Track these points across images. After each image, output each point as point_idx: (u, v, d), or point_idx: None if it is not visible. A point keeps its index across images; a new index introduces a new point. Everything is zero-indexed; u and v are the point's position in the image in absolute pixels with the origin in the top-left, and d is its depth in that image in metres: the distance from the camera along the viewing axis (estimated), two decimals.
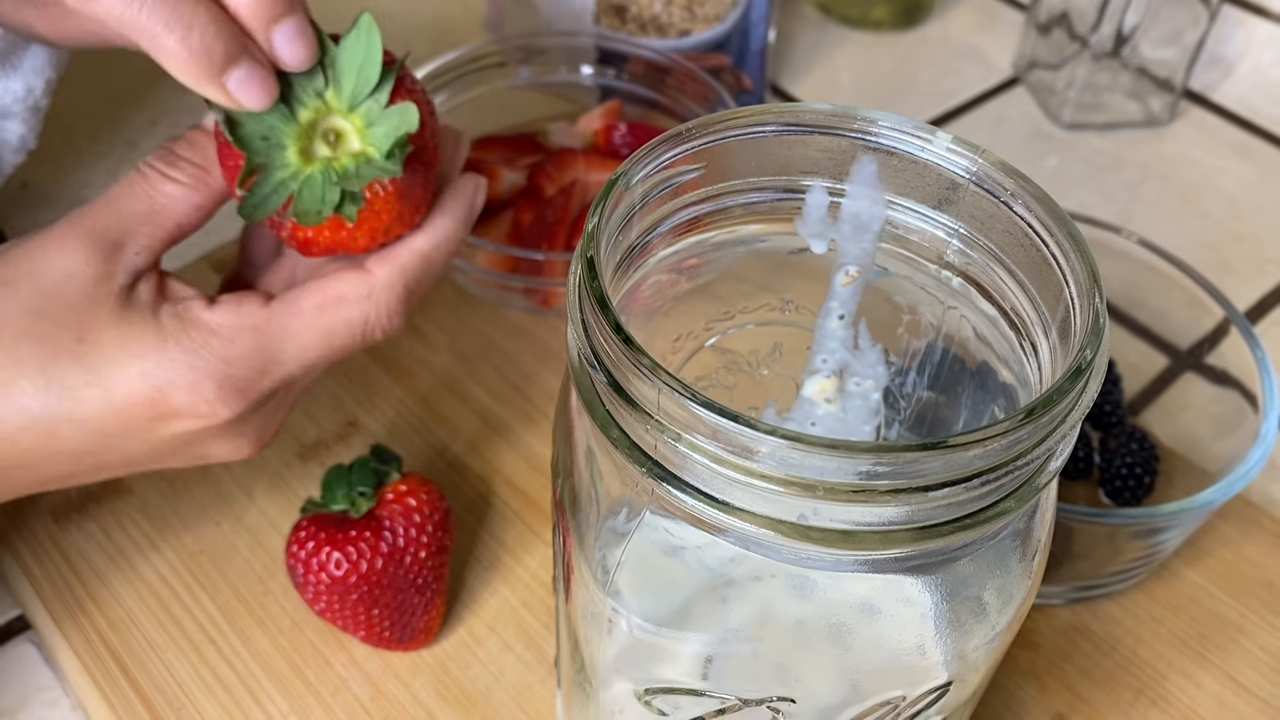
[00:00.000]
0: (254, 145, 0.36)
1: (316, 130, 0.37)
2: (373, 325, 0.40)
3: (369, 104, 0.37)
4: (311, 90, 0.37)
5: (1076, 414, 0.26)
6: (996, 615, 0.32)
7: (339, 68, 0.37)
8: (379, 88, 0.37)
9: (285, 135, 0.37)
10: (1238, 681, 0.48)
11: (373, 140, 0.37)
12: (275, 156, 0.37)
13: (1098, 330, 0.26)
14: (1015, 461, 0.25)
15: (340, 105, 0.37)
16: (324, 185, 0.37)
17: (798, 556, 0.27)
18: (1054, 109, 0.78)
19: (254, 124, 0.36)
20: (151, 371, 0.37)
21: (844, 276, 0.37)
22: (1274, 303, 0.68)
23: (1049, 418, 0.25)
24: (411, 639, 0.47)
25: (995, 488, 0.26)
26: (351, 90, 0.37)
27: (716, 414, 0.25)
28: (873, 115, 0.32)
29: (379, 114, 0.37)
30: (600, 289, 0.27)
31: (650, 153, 0.31)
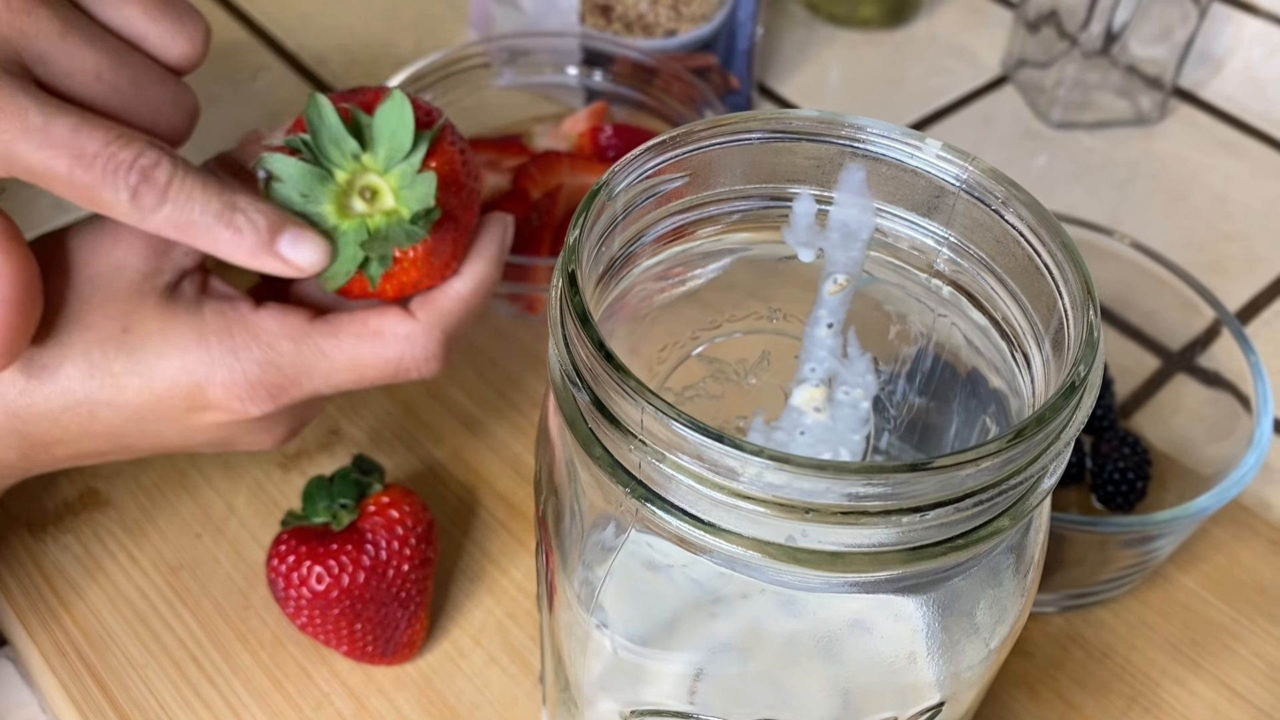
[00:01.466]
0: (292, 199, 0.38)
1: (353, 187, 0.38)
2: (408, 366, 0.41)
3: (403, 167, 0.38)
4: (347, 152, 0.38)
5: (1070, 431, 0.25)
6: (990, 632, 0.31)
7: (374, 135, 0.38)
8: (412, 152, 0.38)
9: (323, 193, 0.38)
10: (1231, 688, 0.48)
11: (405, 201, 0.38)
12: (312, 211, 0.38)
13: (1092, 344, 0.26)
14: (1008, 481, 0.24)
15: (376, 166, 0.38)
16: (353, 245, 0.38)
17: (786, 579, 0.26)
18: (1043, 108, 0.78)
19: (292, 180, 0.37)
20: (192, 366, 0.39)
21: (832, 285, 0.36)
22: (1265, 302, 0.67)
23: (1042, 436, 0.24)
24: (395, 653, 0.46)
25: (988, 507, 0.25)
26: (386, 155, 0.38)
27: (701, 434, 0.24)
28: (861, 122, 0.32)
29: (411, 177, 0.38)
30: (582, 305, 0.26)
31: (633, 162, 0.30)
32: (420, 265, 0.39)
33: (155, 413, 0.39)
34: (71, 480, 0.51)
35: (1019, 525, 0.27)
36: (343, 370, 0.40)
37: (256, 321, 0.39)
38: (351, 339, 0.40)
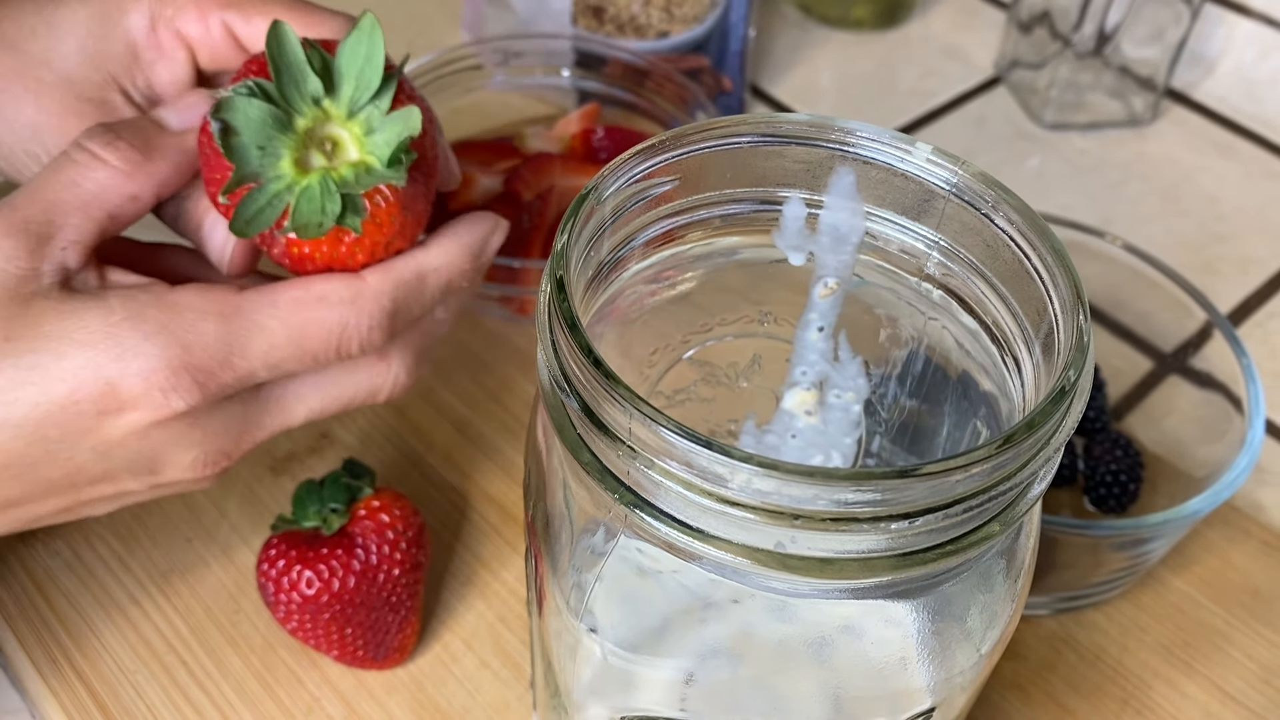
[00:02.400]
0: (248, 155, 0.34)
1: (312, 139, 0.35)
2: (350, 335, 0.37)
3: (369, 110, 0.35)
4: (309, 96, 0.34)
5: (1061, 436, 0.25)
6: (981, 636, 0.31)
7: (338, 72, 0.34)
8: (380, 93, 0.35)
9: (281, 145, 0.34)
10: (1224, 691, 0.48)
11: (372, 148, 0.35)
12: (269, 168, 0.34)
13: (1082, 348, 0.26)
14: (998, 486, 0.24)
15: (339, 112, 0.35)
16: (323, 196, 0.34)
17: (776, 586, 0.26)
18: (1036, 109, 0.78)
19: (250, 132, 0.34)
20: (98, 359, 0.34)
21: (823, 289, 0.36)
22: (1258, 303, 0.67)
23: (1032, 442, 0.24)
24: (386, 657, 0.46)
25: (978, 512, 0.25)
26: (351, 96, 0.35)
27: (690, 440, 0.24)
28: (851, 125, 0.32)
29: (380, 120, 0.35)
30: (570, 311, 0.26)
31: (622, 166, 0.30)
32: (395, 217, 0.36)
33: (60, 426, 0.34)
34: None
35: (1010, 530, 0.27)
36: (282, 344, 0.36)
37: (175, 299, 0.35)
38: (290, 304, 0.36)
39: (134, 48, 0.39)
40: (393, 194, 0.36)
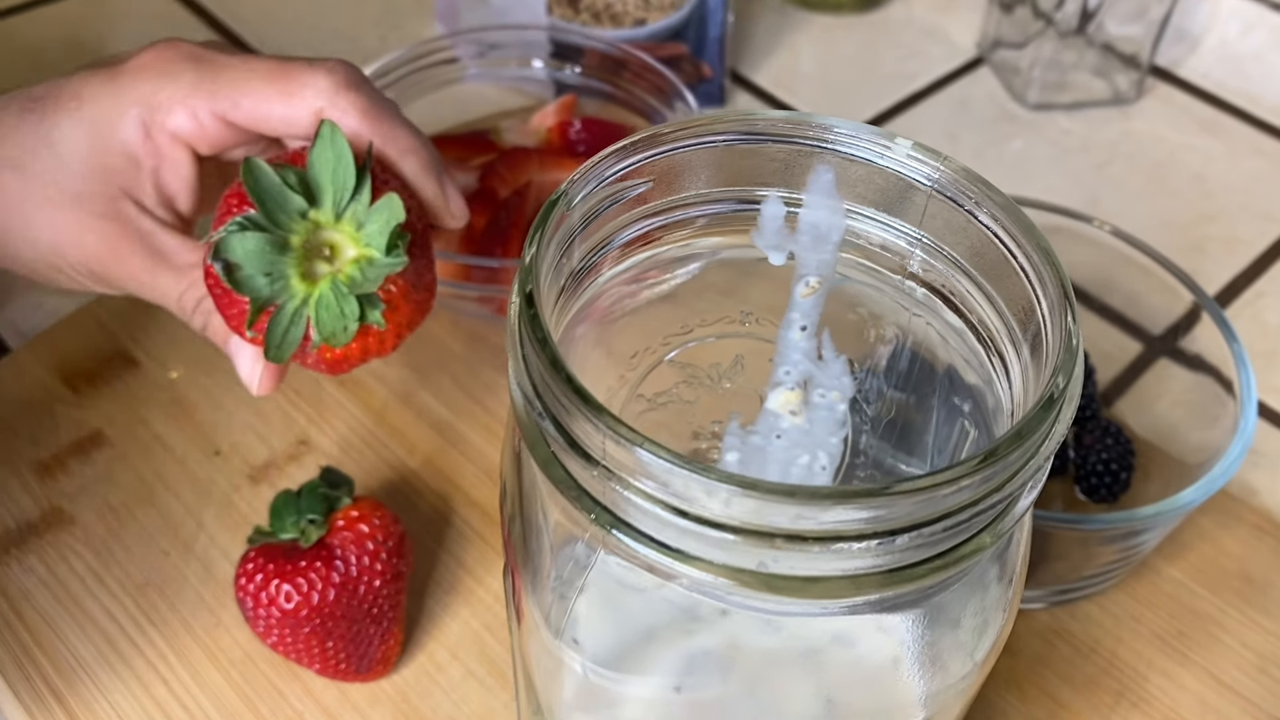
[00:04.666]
0: (257, 285, 0.35)
1: (311, 249, 0.36)
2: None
3: (353, 207, 0.35)
4: (295, 213, 0.35)
5: (1050, 445, 0.24)
6: (975, 643, 0.31)
7: (315, 182, 0.35)
8: (359, 188, 0.35)
9: (285, 266, 0.35)
10: (1220, 680, 0.47)
11: (368, 241, 0.36)
12: (281, 290, 0.35)
13: (1070, 352, 0.25)
14: (987, 499, 0.24)
15: (327, 218, 0.35)
16: (338, 300, 0.35)
17: (761, 606, 0.25)
18: (1019, 89, 0.77)
19: (253, 263, 0.34)
20: None
21: (804, 288, 0.35)
22: (1246, 283, 0.67)
23: (1020, 453, 0.23)
24: (369, 670, 0.45)
25: (967, 525, 0.24)
26: (334, 200, 0.35)
27: (667, 460, 0.23)
28: (828, 122, 0.31)
29: (366, 213, 0.35)
30: (541, 328, 0.25)
31: (593, 170, 0.29)
32: (410, 297, 0.37)
33: None
34: (35, 499, 0.50)
35: (1001, 541, 0.26)
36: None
37: None
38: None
39: (133, 158, 0.39)
40: (401, 277, 0.36)
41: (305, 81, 0.38)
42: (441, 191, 0.40)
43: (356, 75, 0.39)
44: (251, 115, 0.38)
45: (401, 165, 0.39)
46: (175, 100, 0.38)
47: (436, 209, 0.40)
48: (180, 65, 0.39)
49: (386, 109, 0.39)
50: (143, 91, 0.38)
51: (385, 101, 0.39)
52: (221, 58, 0.39)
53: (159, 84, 0.38)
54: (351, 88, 0.38)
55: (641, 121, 0.64)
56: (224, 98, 0.38)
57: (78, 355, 0.56)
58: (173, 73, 0.39)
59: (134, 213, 0.40)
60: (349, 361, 0.37)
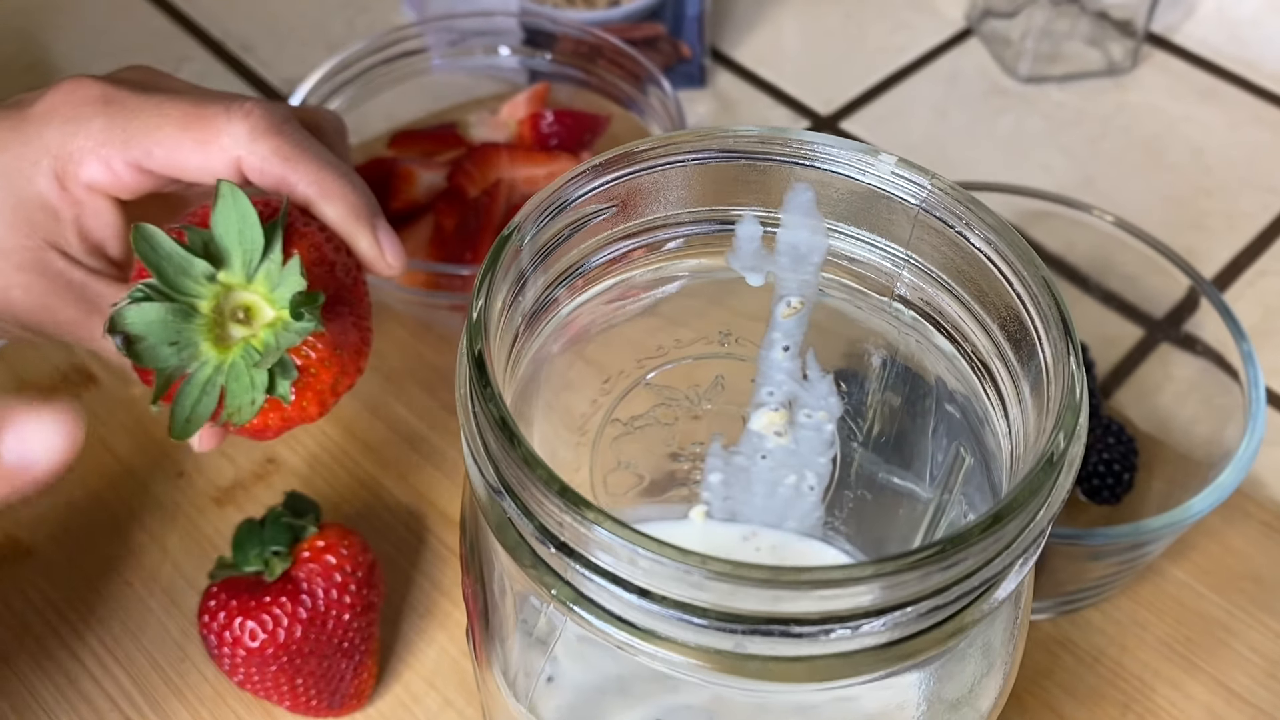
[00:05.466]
0: (161, 355, 0.32)
1: (224, 314, 0.33)
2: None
3: (266, 266, 0.32)
4: (201, 278, 0.32)
5: (1050, 511, 0.22)
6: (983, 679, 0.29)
7: (218, 244, 0.32)
8: (269, 246, 0.32)
9: (193, 332, 0.32)
10: (1228, 688, 0.45)
11: (283, 303, 0.33)
12: (191, 358, 0.32)
13: (1074, 406, 0.22)
14: (983, 570, 0.21)
15: (238, 280, 0.33)
16: (248, 370, 0.32)
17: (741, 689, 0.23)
18: (1010, 61, 0.74)
19: (155, 334, 0.32)
20: None
21: (785, 308, 0.33)
22: (1247, 261, 0.64)
23: (1015, 524, 0.21)
24: (343, 705, 0.43)
25: (962, 595, 0.22)
26: (242, 261, 0.32)
27: (628, 540, 0.21)
28: (806, 137, 0.28)
29: (279, 273, 0.32)
30: (496, 401, 0.23)
31: (549, 199, 0.27)
32: (329, 363, 0.34)
33: None
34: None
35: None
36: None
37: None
38: None
39: (51, 209, 0.37)
40: (318, 339, 0.33)
41: (219, 129, 0.35)
42: (374, 239, 0.37)
43: (276, 117, 0.36)
44: (166, 164, 0.36)
45: (327, 212, 0.36)
46: (86, 150, 0.36)
47: (369, 258, 0.37)
48: (89, 110, 0.36)
49: (310, 151, 0.36)
50: (51, 141, 0.36)
51: (309, 142, 0.37)
52: (134, 100, 0.36)
53: (67, 131, 0.36)
54: (270, 132, 0.36)
55: (616, 108, 0.61)
56: (136, 146, 0.36)
57: (33, 373, 0.54)
58: (81, 119, 0.36)
59: (61, 264, 0.37)
60: (270, 431, 0.35)
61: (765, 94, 0.73)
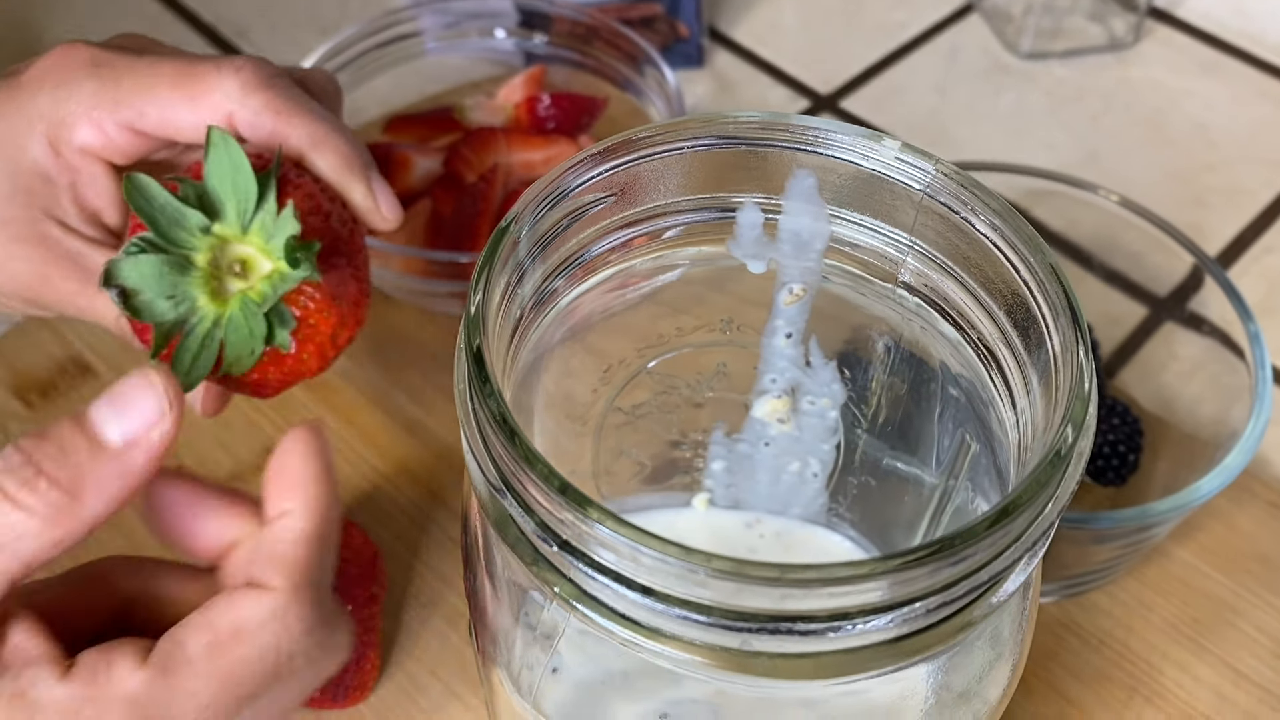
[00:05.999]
0: (158, 309, 0.31)
1: (220, 266, 0.32)
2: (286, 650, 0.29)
3: (260, 217, 0.32)
4: (196, 229, 0.32)
5: (1058, 505, 0.22)
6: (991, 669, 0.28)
7: (213, 195, 0.32)
8: (263, 196, 0.32)
9: (190, 286, 0.32)
10: (1235, 669, 0.45)
11: (279, 253, 0.32)
12: (189, 311, 0.32)
13: (1083, 396, 0.22)
14: (991, 565, 0.21)
15: (233, 231, 0.32)
16: (247, 321, 0.32)
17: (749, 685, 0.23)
18: (1011, 37, 0.73)
19: (152, 287, 0.31)
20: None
21: (788, 295, 0.32)
22: (1252, 237, 0.64)
23: (1023, 520, 0.21)
24: (347, 696, 0.43)
25: (970, 590, 0.22)
26: (237, 211, 0.32)
27: (630, 538, 0.20)
28: (808, 122, 0.28)
29: (274, 224, 0.32)
30: (495, 398, 0.22)
31: (546, 191, 0.26)
32: (328, 312, 0.33)
33: None
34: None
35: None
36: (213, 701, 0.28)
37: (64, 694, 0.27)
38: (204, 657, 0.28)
39: (47, 177, 0.36)
40: (316, 289, 0.33)
41: (211, 85, 0.35)
42: (369, 190, 0.36)
43: (267, 72, 0.36)
44: (159, 124, 0.36)
45: (320, 164, 0.36)
46: (78, 114, 0.36)
47: (364, 210, 0.36)
48: (79, 74, 0.36)
49: (302, 105, 0.36)
50: (43, 106, 0.36)
51: (301, 97, 0.36)
52: (123, 61, 0.36)
53: (58, 96, 0.36)
54: (261, 86, 0.35)
55: (613, 90, 0.61)
56: (128, 107, 0.35)
57: (30, 365, 0.53)
58: (72, 83, 0.36)
59: (59, 234, 0.37)
60: (270, 385, 0.34)
61: (764, 73, 0.72)
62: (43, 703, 0.27)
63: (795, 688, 0.24)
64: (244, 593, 0.29)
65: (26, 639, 0.28)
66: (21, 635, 0.28)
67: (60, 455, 0.28)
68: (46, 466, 0.28)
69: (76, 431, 0.28)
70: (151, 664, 0.28)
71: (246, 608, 0.28)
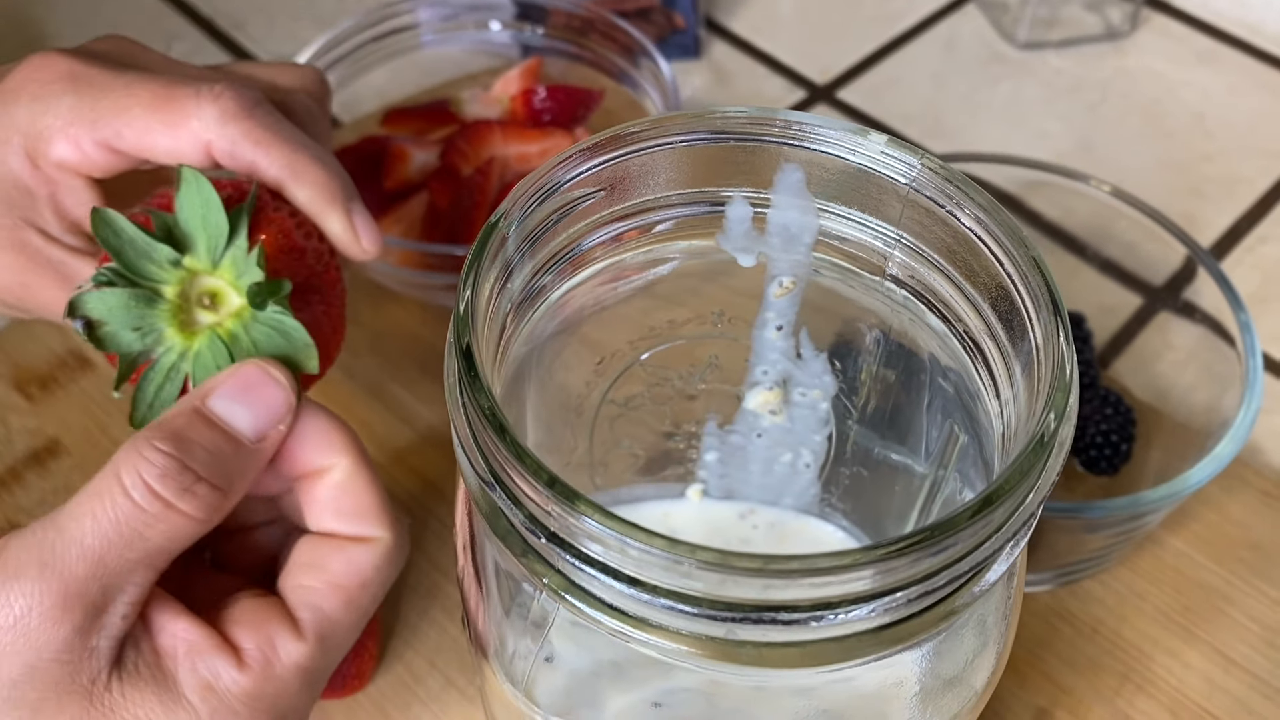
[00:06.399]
0: (123, 341, 0.32)
1: (190, 299, 0.32)
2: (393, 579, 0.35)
3: (232, 253, 0.32)
4: (165, 263, 0.32)
5: (1040, 493, 0.22)
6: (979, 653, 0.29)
7: (183, 230, 0.32)
8: (234, 232, 0.32)
9: (157, 319, 0.32)
10: (1227, 656, 0.46)
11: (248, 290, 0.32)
12: (155, 343, 0.32)
13: (1064, 385, 0.22)
14: (973, 554, 0.21)
15: (203, 265, 0.32)
16: (214, 358, 0.32)
17: (736, 675, 0.23)
18: (1008, 27, 0.73)
19: (118, 319, 0.31)
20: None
21: (778, 288, 0.33)
22: (1247, 227, 0.64)
23: (1006, 507, 0.21)
24: (344, 686, 0.43)
25: (953, 579, 0.22)
26: (208, 246, 0.32)
27: (616, 530, 0.21)
28: (795, 117, 0.28)
29: (245, 262, 0.32)
30: (485, 393, 0.23)
31: (535, 186, 0.27)
32: None
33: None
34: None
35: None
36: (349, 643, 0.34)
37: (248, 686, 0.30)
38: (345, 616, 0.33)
39: (25, 187, 0.36)
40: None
41: (189, 112, 0.35)
42: (348, 223, 0.36)
43: (247, 100, 0.36)
44: (135, 146, 0.36)
45: (299, 195, 0.35)
46: (54, 130, 0.35)
47: (342, 242, 0.36)
48: (57, 87, 0.36)
49: (281, 134, 0.36)
50: (19, 119, 0.36)
51: (281, 125, 0.36)
52: (102, 78, 0.36)
53: (35, 110, 0.36)
54: (240, 116, 0.35)
55: (609, 82, 0.61)
56: (105, 126, 0.35)
57: (29, 359, 0.54)
58: (49, 96, 0.36)
59: (39, 242, 0.37)
60: None
61: (761, 64, 0.72)
62: (233, 694, 0.30)
63: (784, 676, 0.25)
64: (356, 547, 0.34)
65: (186, 629, 0.30)
66: (180, 625, 0.30)
67: (210, 459, 0.30)
68: (204, 472, 0.30)
69: (213, 430, 0.30)
70: (308, 635, 0.32)
71: (365, 560, 0.33)
